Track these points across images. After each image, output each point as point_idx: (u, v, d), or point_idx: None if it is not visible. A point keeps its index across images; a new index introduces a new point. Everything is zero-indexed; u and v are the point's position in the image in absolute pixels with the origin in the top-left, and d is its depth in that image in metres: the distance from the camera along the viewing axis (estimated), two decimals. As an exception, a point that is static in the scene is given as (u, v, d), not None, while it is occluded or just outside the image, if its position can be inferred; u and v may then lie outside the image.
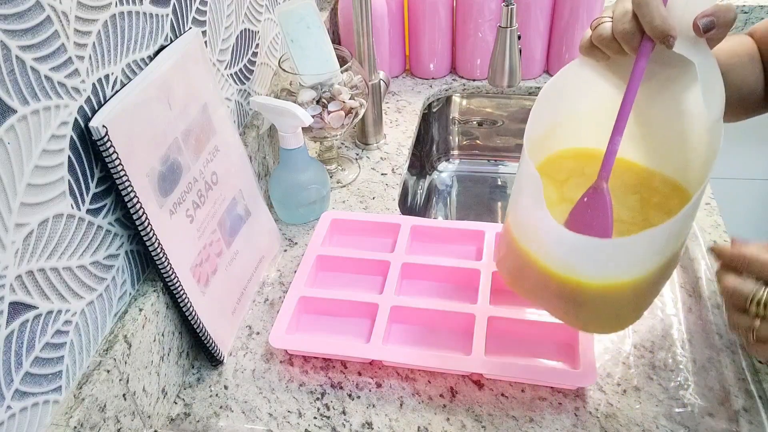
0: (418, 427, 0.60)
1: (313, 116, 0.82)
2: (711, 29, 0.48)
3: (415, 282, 0.75)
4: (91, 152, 0.53)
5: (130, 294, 0.60)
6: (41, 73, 0.46)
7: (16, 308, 0.45)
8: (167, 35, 0.63)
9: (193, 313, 0.62)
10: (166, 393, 0.63)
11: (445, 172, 1.21)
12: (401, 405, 0.62)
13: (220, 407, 0.63)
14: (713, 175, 0.56)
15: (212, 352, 0.65)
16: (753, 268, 0.51)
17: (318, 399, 0.63)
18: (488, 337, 0.66)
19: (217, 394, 0.65)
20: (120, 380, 0.55)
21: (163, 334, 0.61)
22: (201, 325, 0.63)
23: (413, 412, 0.62)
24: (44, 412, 0.49)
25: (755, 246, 0.52)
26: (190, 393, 0.65)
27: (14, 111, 0.44)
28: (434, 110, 1.17)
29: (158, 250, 0.58)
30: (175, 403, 0.64)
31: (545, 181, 0.56)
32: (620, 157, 0.54)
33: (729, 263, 0.53)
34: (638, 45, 0.50)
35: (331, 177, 0.93)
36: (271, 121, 0.80)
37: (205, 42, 0.71)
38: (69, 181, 0.50)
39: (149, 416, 0.60)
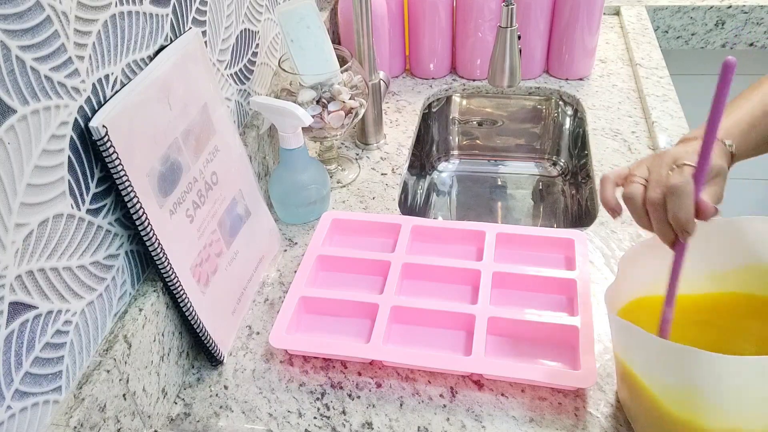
0: (418, 427, 0.60)
1: (313, 116, 0.82)
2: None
3: (416, 282, 0.75)
4: (91, 152, 0.53)
5: (130, 294, 0.60)
6: (41, 73, 0.46)
7: (16, 308, 0.45)
8: (167, 35, 0.63)
9: (193, 313, 0.62)
10: (166, 393, 0.63)
11: (445, 172, 1.21)
12: (401, 405, 0.62)
13: (220, 407, 0.63)
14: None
15: (212, 352, 0.65)
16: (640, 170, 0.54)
17: (318, 399, 0.63)
18: (488, 337, 0.66)
19: (217, 394, 0.65)
20: (120, 380, 0.55)
21: (163, 334, 0.61)
22: (201, 325, 0.63)
23: (413, 412, 0.62)
24: (44, 412, 0.49)
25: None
26: (190, 393, 0.65)
27: (14, 111, 0.44)
28: (434, 110, 1.17)
29: (158, 250, 0.58)
30: (175, 403, 0.64)
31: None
32: None
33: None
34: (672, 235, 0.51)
35: (331, 177, 0.93)
36: (271, 121, 0.80)
37: (205, 42, 0.71)
38: (69, 181, 0.50)
39: (149, 416, 0.60)
